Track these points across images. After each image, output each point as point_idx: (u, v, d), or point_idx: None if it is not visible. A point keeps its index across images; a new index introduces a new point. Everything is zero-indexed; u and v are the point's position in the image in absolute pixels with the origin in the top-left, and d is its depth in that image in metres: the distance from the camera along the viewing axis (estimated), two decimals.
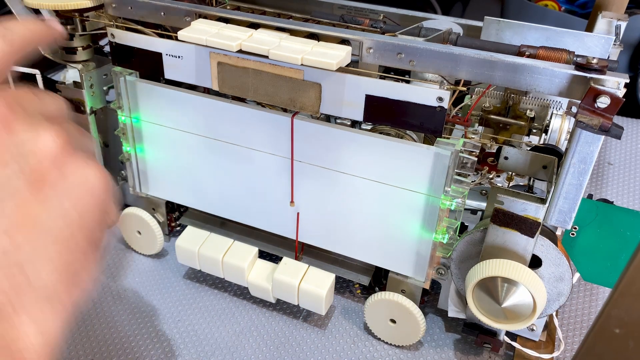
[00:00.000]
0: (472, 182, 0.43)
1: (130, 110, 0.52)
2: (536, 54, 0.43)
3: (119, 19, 0.50)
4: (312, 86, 0.43)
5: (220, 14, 0.45)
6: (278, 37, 0.42)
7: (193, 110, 0.50)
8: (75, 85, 0.54)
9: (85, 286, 0.24)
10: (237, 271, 0.51)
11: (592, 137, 0.36)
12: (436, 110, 0.41)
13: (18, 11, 0.53)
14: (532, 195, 0.41)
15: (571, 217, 0.40)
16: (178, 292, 0.55)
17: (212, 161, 0.52)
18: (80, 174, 0.23)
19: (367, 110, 0.43)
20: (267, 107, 0.48)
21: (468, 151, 0.42)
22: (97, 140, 0.57)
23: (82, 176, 0.23)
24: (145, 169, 0.56)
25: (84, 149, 0.25)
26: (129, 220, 0.57)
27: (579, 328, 0.52)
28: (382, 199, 0.46)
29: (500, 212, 0.41)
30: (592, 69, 0.36)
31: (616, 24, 0.53)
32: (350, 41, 0.41)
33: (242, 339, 0.51)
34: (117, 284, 0.56)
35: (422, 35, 0.50)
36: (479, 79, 0.39)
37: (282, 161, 0.48)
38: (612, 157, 0.75)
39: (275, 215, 0.51)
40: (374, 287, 0.53)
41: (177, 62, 0.47)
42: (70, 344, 0.50)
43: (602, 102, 0.35)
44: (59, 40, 0.32)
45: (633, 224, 0.42)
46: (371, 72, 0.42)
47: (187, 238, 0.53)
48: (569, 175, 0.38)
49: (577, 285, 0.56)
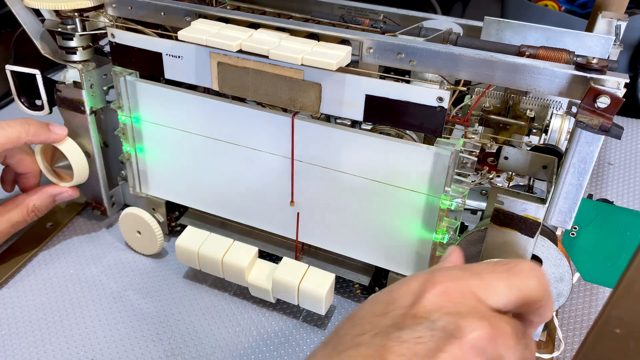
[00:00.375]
0: (472, 182, 0.43)
1: (130, 110, 0.52)
2: (536, 54, 0.43)
3: (119, 18, 0.50)
4: (312, 86, 0.43)
5: (220, 14, 0.45)
6: (278, 37, 0.42)
7: (193, 110, 0.50)
8: (75, 85, 0.54)
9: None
10: (237, 271, 0.51)
11: (592, 137, 0.36)
12: (436, 110, 0.41)
13: (18, 11, 0.53)
14: (532, 195, 0.41)
15: (571, 217, 0.40)
16: (178, 292, 0.55)
17: (212, 161, 0.52)
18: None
19: (367, 110, 0.43)
20: (267, 107, 0.48)
21: (468, 151, 0.42)
22: (97, 140, 0.57)
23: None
24: (145, 169, 0.56)
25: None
26: (129, 220, 0.57)
27: (579, 328, 0.52)
28: (382, 198, 0.46)
29: (500, 212, 0.41)
30: (592, 69, 0.36)
31: (616, 24, 0.53)
32: (350, 41, 0.41)
33: (242, 339, 0.51)
34: (117, 284, 0.56)
35: (422, 35, 0.50)
36: (479, 79, 0.39)
37: (283, 161, 0.48)
38: (612, 157, 0.75)
39: (276, 215, 0.51)
40: (374, 287, 0.53)
41: (177, 62, 0.47)
42: (71, 343, 0.50)
43: (602, 102, 0.35)
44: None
45: (633, 224, 0.42)
46: (371, 72, 0.42)
47: (187, 238, 0.53)
48: (569, 175, 0.38)
49: (577, 285, 0.56)
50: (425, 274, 0.30)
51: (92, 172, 0.57)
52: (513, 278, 0.30)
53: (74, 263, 0.58)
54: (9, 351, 0.49)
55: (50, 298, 0.54)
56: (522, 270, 0.30)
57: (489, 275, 0.30)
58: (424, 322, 0.28)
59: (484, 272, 0.30)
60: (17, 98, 0.56)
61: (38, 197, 0.55)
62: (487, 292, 0.29)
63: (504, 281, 0.30)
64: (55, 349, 0.49)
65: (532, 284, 0.30)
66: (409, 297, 0.29)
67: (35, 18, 0.54)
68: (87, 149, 0.56)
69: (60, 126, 0.54)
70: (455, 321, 0.27)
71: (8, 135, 0.51)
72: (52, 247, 0.60)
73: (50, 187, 0.56)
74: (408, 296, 0.29)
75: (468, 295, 0.29)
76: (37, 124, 0.52)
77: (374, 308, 0.30)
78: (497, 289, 0.30)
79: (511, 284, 0.30)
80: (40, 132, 0.52)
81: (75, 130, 0.56)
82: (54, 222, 0.62)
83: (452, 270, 0.30)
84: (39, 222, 0.61)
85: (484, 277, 0.30)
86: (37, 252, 0.59)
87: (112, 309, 0.53)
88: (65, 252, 0.59)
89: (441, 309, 0.28)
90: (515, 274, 0.30)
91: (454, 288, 0.29)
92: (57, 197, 0.56)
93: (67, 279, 0.56)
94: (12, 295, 0.54)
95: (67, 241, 0.60)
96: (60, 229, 0.62)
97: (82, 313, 0.52)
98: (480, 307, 0.29)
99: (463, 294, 0.29)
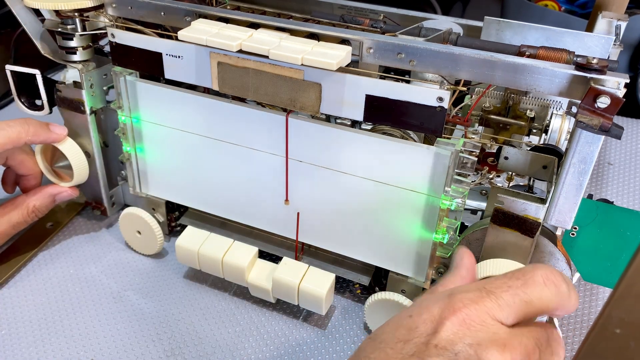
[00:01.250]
0: (472, 182, 0.43)
1: (130, 110, 0.52)
2: (536, 54, 0.43)
3: (119, 18, 0.50)
4: (312, 86, 0.43)
5: (220, 14, 0.45)
6: (278, 37, 0.42)
7: (193, 110, 0.50)
8: (75, 85, 0.54)
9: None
10: (237, 271, 0.51)
11: (592, 137, 0.36)
12: (436, 110, 0.41)
13: (18, 11, 0.53)
14: (532, 195, 0.41)
15: (571, 217, 0.40)
16: (178, 292, 0.55)
17: (212, 161, 0.52)
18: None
19: (367, 110, 0.43)
20: (268, 107, 0.48)
21: (468, 151, 0.42)
22: (97, 140, 0.57)
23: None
24: (145, 169, 0.56)
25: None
26: (129, 220, 0.57)
27: (579, 328, 0.52)
28: (382, 198, 0.46)
29: (500, 212, 0.41)
30: (592, 69, 0.36)
31: (616, 24, 0.53)
32: (350, 41, 0.41)
33: (242, 339, 0.51)
34: (117, 284, 0.56)
35: (422, 35, 0.50)
36: (479, 79, 0.39)
37: (280, 160, 0.48)
38: (612, 157, 0.75)
39: (274, 215, 0.51)
40: (374, 287, 0.53)
41: (177, 62, 0.47)
42: (71, 344, 0.50)
43: (602, 102, 0.35)
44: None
45: (633, 224, 0.42)
46: (371, 72, 0.42)
47: (187, 238, 0.53)
48: (569, 175, 0.38)
49: (577, 285, 0.56)
50: (445, 298, 0.31)
51: (92, 172, 0.57)
52: (529, 291, 0.31)
53: (73, 263, 0.58)
54: (9, 351, 0.49)
55: (50, 298, 0.54)
56: (536, 283, 0.31)
57: (505, 294, 0.31)
58: (445, 354, 0.29)
59: (499, 290, 0.31)
60: (17, 98, 0.56)
61: (38, 198, 0.55)
62: (505, 312, 0.30)
63: (520, 297, 0.31)
64: (55, 349, 0.49)
65: (549, 293, 0.31)
66: (430, 324, 0.30)
67: (35, 18, 0.54)
68: (87, 149, 0.56)
69: (60, 126, 0.54)
70: (477, 354, 0.28)
71: (8, 135, 0.51)
72: (52, 247, 0.60)
73: (50, 187, 0.56)
74: (429, 323, 0.30)
75: (487, 321, 0.30)
76: (37, 124, 0.52)
77: (397, 333, 0.31)
78: (515, 307, 0.30)
79: (528, 299, 0.31)
80: (40, 132, 0.52)
81: (75, 130, 0.56)
82: (54, 222, 0.62)
83: (469, 293, 0.31)
84: (39, 222, 0.61)
85: (500, 296, 0.31)
86: (37, 252, 0.59)
87: (112, 309, 0.53)
88: (65, 252, 0.59)
89: (462, 339, 0.29)
90: (530, 287, 0.31)
91: (473, 315, 0.30)
92: (57, 196, 0.56)
93: (67, 279, 0.56)
94: (12, 295, 0.54)
95: (67, 241, 0.60)
96: (60, 229, 0.62)
97: (82, 313, 0.52)
98: (500, 332, 0.30)
99: (482, 321, 0.30)
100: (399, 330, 0.31)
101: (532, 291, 0.31)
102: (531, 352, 0.30)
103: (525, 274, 0.32)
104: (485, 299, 0.30)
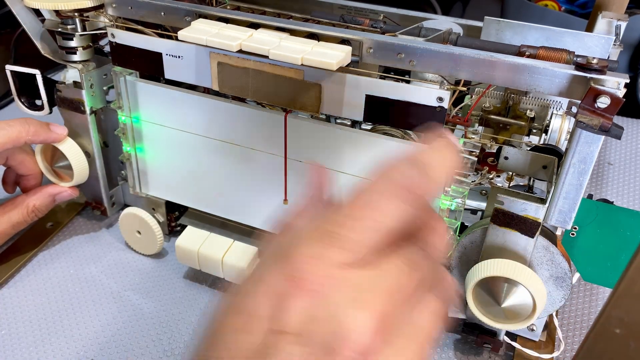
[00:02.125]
0: (472, 182, 0.43)
1: (130, 110, 0.52)
2: (536, 54, 0.43)
3: (119, 18, 0.50)
4: (312, 86, 0.43)
5: (220, 14, 0.45)
6: (278, 37, 0.42)
7: (193, 110, 0.50)
8: (75, 85, 0.54)
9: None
10: (237, 271, 0.51)
11: (592, 137, 0.36)
12: (436, 110, 0.41)
13: (18, 11, 0.53)
14: (532, 195, 0.41)
15: (571, 217, 0.40)
16: (178, 292, 0.55)
17: (212, 161, 0.52)
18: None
19: (367, 110, 0.42)
20: (268, 107, 0.48)
21: (468, 151, 0.42)
22: (97, 140, 0.57)
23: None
24: (145, 169, 0.56)
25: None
26: (129, 220, 0.57)
27: (579, 328, 0.52)
28: None
29: (500, 212, 0.41)
30: (592, 69, 0.36)
31: (616, 24, 0.53)
32: (350, 41, 0.41)
33: None
34: (117, 284, 0.56)
35: (422, 35, 0.50)
36: (479, 79, 0.39)
37: (280, 160, 0.48)
38: (612, 157, 0.75)
39: (275, 216, 0.51)
40: None
41: (177, 62, 0.47)
42: (71, 344, 0.50)
43: (602, 102, 0.35)
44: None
45: (633, 224, 0.42)
46: (371, 72, 0.42)
47: (187, 238, 0.53)
48: (569, 175, 0.38)
49: (577, 285, 0.56)
50: (282, 257, 0.24)
51: (92, 172, 0.57)
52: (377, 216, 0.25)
53: (73, 263, 0.58)
54: (8, 351, 0.49)
55: (50, 298, 0.54)
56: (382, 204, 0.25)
57: (344, 230, 0.24)
58: (296, 340, 0.22)
59: (336, 225, 0.24)
60: (17, 98, 0.56)
61: (38, 198, 0.55)
62: (353, 252, 0.24)
63: (360, 222, 0.24)
64: (55, 349, 0.49)
65: (393, 208, 0.25)
66: (271, 303, 0.23)
67: (35, 18, 0.54)
68: (87, 149, 0.56)
69: (60, 126, 0.54)
70: (332, 329, 0.22)
71: (8, 134, 0.51)
72: (52, 247, 0.60)
73: (50, 187, 0.56)
74: (269, 301, 0.23)
75: (337, 276, 0.23)
76: (37, 124, 0.52)
77: (233, 321, 0.24)
78: (361, 240, 0.24)
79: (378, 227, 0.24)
80: (40, 132, 0.52)
81: (75, 130, 0.56)
82: (54, 222, 0.62)
83: (309, 248, 0.24)
84: (39, 222, 0.61)
85: (341, 235, 0.24)
86: (37, 252, 0.59)
87: (112, 309, 0.53)
88: (65, 252, 0.59)
89: (316, 316, 0.23)
90: (377, 211, 0.25)
91: (320, 277, 0.23)
92: (57, 196, 0.56)
93: (67, 278, 0.56)
94: (12, 295, 0.54)
95: (67, 241, 0.60)
96: (60, 229, 0.62)
97: (82, 313, 0.52)
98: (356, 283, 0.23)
99: (332, 280, 0.23)
100: (235, 319, 0.24)
101: (381, 215, 0.24)
102: (405, 283, 0.24)
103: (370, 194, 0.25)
104: (328, 249, 0.24)
